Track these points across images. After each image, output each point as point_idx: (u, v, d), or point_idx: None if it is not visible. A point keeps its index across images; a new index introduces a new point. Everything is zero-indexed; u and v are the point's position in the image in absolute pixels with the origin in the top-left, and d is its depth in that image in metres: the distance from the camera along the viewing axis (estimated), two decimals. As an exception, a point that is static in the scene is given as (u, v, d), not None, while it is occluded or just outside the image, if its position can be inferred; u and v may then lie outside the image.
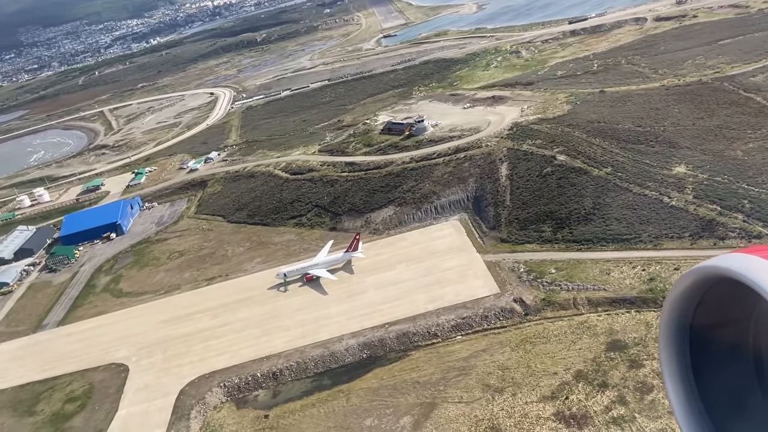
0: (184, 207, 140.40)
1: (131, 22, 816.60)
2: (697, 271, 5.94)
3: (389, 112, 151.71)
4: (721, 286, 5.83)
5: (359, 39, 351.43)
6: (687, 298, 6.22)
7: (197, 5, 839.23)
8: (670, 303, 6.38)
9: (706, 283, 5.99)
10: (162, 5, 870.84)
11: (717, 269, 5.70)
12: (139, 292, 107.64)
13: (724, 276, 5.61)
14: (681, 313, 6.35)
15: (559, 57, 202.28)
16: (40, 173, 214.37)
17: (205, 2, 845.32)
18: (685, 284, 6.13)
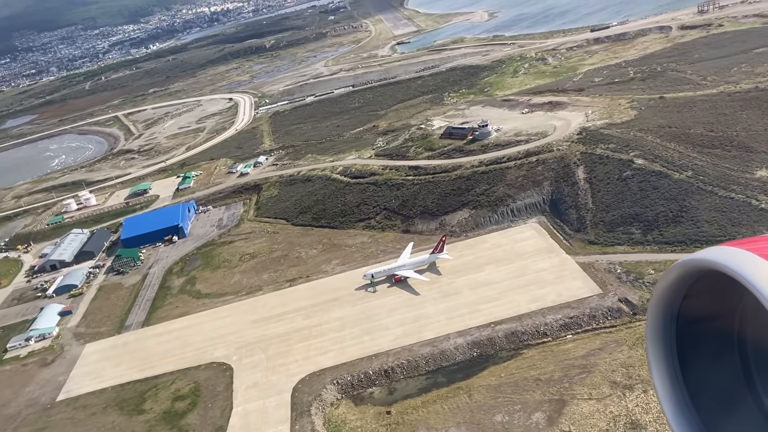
0: (242, 210, 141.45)
1: (127, 28, 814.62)
2: (684, 264, 6.05)
3: (443, 118, 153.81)
4: (708, 279, 5.93)
5: (372, 46, 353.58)
6: (674, 291, 6.34)
7: (194, 11, 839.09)
8: (657, 295, 6.50)
9: (693, 276, 6.10)
10: (158, 11, 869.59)
11: (703, 262, 5.79)
12: (219, 293, 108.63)
13: (711, 269, 5.71)
14: (668, 305, 6.46)
15: (588, 64, 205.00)
16: (70, 177, 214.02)
17: (202, 8, 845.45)
18: (672, 277, 6.24)
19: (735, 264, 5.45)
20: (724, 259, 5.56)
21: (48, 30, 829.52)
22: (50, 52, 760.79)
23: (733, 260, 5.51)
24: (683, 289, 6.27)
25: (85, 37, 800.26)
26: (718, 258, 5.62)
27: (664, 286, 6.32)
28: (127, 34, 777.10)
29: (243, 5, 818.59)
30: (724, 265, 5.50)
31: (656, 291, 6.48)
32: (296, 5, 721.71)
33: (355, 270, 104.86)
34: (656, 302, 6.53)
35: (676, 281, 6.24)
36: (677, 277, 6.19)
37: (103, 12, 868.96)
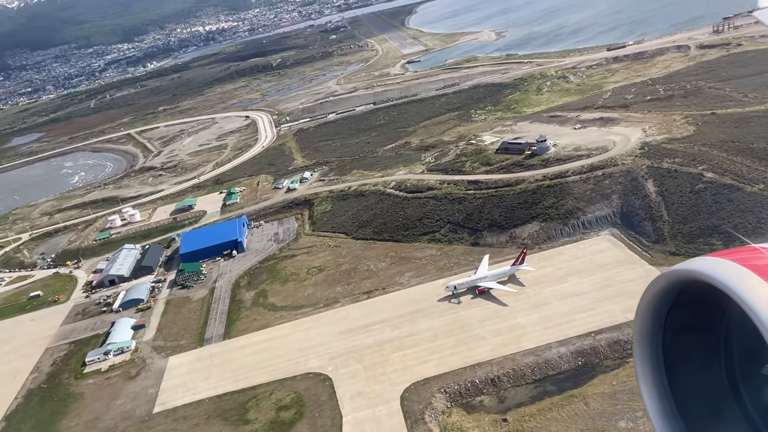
0: (296, 225, 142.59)
1: (122, 47, 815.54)
2: (670, 275, 6.06)
3: (492, 133, 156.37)
4: (693, 289, 5.96)
5: (382, 64, 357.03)
6: (660, 302, 6.37)
7: (188, 30, 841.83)
8: (644, 306, 6.53)
9: (678, 286, 6.12)
10: (152, 30, 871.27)
11: (689, 272, 5.81)
12: (296, 306, 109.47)
13: (696, 279, 5.72)
14: (654, 315, 6.49)
15: (612, 82, 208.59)
16: (99, 194, 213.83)
17: (196, 27, 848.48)
18: (658, 287, 6.27)
19: (719, 274, 5.51)
20: (708, 270, 5.64)
21: (41, 48, 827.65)
22: (44, 71, 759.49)
23: (718, 270, 5.57)
24: (669, 301, 6.37)
25: (79, 56, 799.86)
26: (703, 268, 5.71)
27: (650, 297, 6.44)
28: (122, 53, 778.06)
29: (238, 24, 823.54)
30: (709, 275, 5.58)
31: (642, 302, 6.59)
32: (291, 25, 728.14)
33: (432, 282, 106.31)
34: (642, 314, 6.62)
35: (661, 293, 6.32)
36: (662, 288, 6.28)
37: (96, 31, 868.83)
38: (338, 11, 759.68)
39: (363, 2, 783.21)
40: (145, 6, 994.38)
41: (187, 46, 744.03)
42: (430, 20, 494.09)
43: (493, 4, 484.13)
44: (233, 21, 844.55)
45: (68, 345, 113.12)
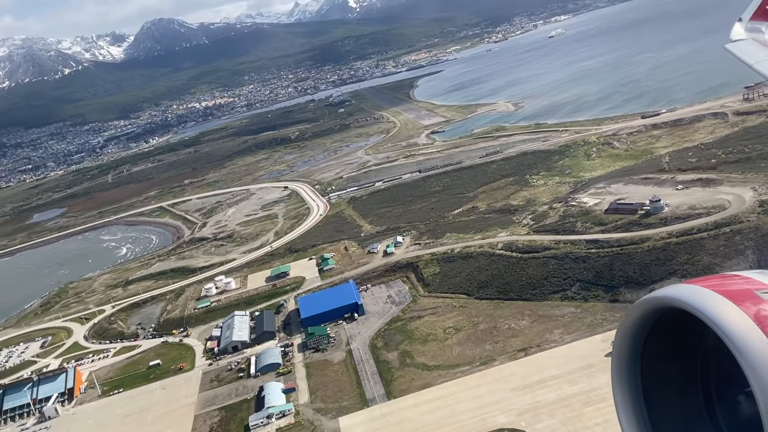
0: (407, 288, 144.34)
1: (118, 123, 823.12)
2: (646, 302, 6.21)
3: (588, 195, 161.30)
4: (670, 316, 6.09)
5: (405, 135, 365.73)
6: (637, 329, 6.48)
7: (185, 107, 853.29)
8: (622, 333, 6.65)
9: (655, 314, 6.24)
10: (147, 107, 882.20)
11: (664, 299, 5.94)
12: (450, 364, 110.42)
13: (672, 306, 5.85)
14: (632, 343, 6.57)
15: (662, 147, 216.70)
16: (164, 265, 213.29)
17: (192, 103, 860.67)
18: (636, 315, 6.40)
19: (695, 301, 5.67)
20: (684, 297, 5.81)
21: (36, 126, 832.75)
22: (41, 148, 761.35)
23: (693, 297, 5.72)
24: (646, 328, 6.49)
25: (75, 133, 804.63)
26: (678, 295, 5.87)
27: (628, 325, 6.60)
28: (119, 129, 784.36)
29: (234, 100, 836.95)
30: (685, 302, 5.73)
31: (619, 330, 6.75)
32: (288, 100, 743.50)
33: (587, 339, 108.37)
34: (620, 341, 6.75)
35: (638, 320, 6.47)
36: (640, 315, 6.43)
37: (91, 109, 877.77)
38: (333, 86, 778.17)
39: (357, 78, 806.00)
40: (137, 84, 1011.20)
41: (185, 122, 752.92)
42: (436, 93, 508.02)
43: (498, 78, 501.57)
44: (228, 97, 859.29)
45: (218, 411, 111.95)
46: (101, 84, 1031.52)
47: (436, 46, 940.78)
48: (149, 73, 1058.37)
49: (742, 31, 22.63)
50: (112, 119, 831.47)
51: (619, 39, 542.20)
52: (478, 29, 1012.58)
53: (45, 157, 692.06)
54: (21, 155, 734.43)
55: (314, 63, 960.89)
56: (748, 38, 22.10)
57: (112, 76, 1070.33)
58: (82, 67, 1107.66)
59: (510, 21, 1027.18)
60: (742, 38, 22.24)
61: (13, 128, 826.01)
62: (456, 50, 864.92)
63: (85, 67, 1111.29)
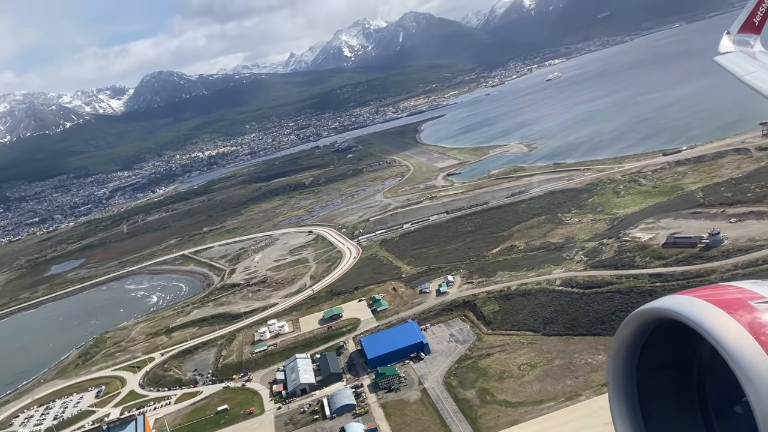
0: (468, 326, 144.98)
1: (122, 174, 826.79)
2: (640, 314, 6.37)
3: (640, 230, 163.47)
4: (665, 328, 6.23)
5: (421, 178, 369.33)
6: (632, 342, 6.58)
7: (188, 156, 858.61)
8: (617, 345, 6.72)
9: (650, 325, 6.39)
10: (150, 158, 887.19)
11: (658, 311, 6.11)
12: (533, 401, 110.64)
13: (666, 317, 6.01)
14: (627, 355, 6.65)
15: (690, 183, 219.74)
16: (203, 312, 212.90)
17: (195, 153, 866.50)
18: (631, 327, 6.52)
19: (688, 311, 5.72)
20: (677, 307, 5.87)
21: (39, 180, 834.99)
22: (46, 201, 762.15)
23: (686, 308, 5.79)
24: (642, 339, 6.56)
25: (79, 185, 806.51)
26: (672, 306, 5.94)
27: (623, 337, 6.64)
28: (124, 180, 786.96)
29: (237, 149, 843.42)
30: (678, 313, 5.79)
31: (615, 342, 6.79)
32: (291, 147, 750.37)
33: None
34: (616, 353, 6.79)
35: (634, 332, 6.54)
36: (635, 327, 6.49)
37: (94, 161, 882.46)
38: (335, 133, 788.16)
39: (359, 124, 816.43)
40: (138, 135, 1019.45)
41: (190, 171, 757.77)
42: (444, 137, 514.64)
43: (504, 120, 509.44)
44: (231, 146, 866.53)
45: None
46: (103, 136, 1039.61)
47: (433, 91, 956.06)
48: (150, 125, 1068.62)
49: (729, 43, 23.42)
50: (116, 170, 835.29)
51: (619, 80, 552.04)
52: (474, 74, 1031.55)
53: (51, 210, 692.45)
54: (26, 208, 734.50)
55: (314, 111, 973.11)
56: (736, 51, 22.80)
57: (114, 128, 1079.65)
58: (83, 121, 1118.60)
59: (505, 66, 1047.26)
60: (731, 51, 22.99)
61: (17, 182, 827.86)
62: (454, 95, 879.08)
63: (86, 120, 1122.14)
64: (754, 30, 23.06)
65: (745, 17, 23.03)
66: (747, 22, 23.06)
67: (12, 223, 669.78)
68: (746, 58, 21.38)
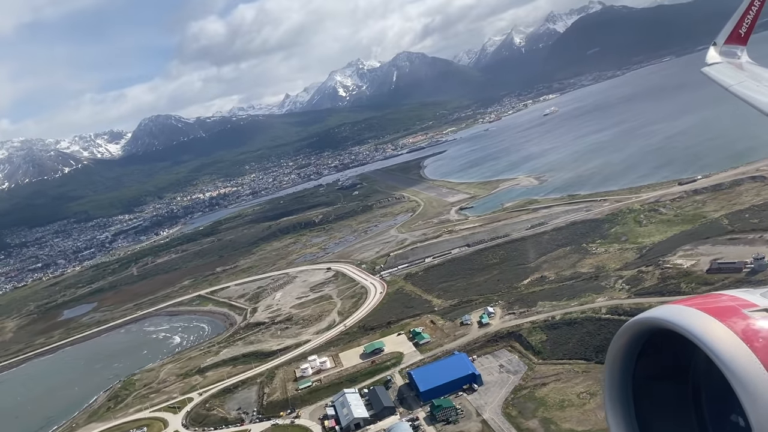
0: (517, 356, 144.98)
1: (123, 218, 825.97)
2: (634, 324, 6.39)
3: (678, 257, 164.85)
4: (659, 337, 6.26)
5: (433, 213, 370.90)
6: (628, 350, 6.66)
7: (188, 198, 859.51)
8: (612, 355, 6.82)
9: (644, 335, 6.44)
10: (150, 201, 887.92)
11: (652, 320, 6.13)
12: (601, 429, 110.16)
13: (660, 326, 6.03)
14: (623, 365, 6.74)
15: (712, 210, 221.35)
16: (233, 351, 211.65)
17: (196, 195, 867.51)
18: (625, 336, 6.59)
19: (680, 320, 5.84)
20: (671, 317, 5.96)
21: (39, 225, 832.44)
22: (47, 246, 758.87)
23: (680, 317, 5.89)
24: (636, 349, 6.61)
25: (80, 230, 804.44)
26: (666, 316, 6.03)
27: (618, 346, 6.69)
28: (125, 224, 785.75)
29: (238, 189, 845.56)
30: (672, 322, 5.90)
31: (610, 352, 6.85)
32: (293, 186, 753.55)
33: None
34: (611, 363, 6.84)
35: (629, 341, 6.59)
36: (630, 336, 6.54)
37: (94, 205, 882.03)
38: (336, 171, 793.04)
39: (359, 161, 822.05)
40: (137, 179, 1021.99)
41: (192, 212, 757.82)
42: (450, 172, 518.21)
43: (508, 154, 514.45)
44: (232, 186, 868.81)
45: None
46: (101, 181, 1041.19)
47: (431, 128, 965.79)
48: (149, 168, 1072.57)
49: (716, 55, 23.77)
50: (117, 214, 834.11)
51: (619, 113, 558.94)
52: (470, 111, 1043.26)
53: (53, 255, 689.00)
54: (27, 254, 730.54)
55: (313, 150, 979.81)
56: (723, 61, 23.08)
57: (112, 172, 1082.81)
58: (81, 165, 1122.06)
59: (500, 102, 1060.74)
60: (718, 62, 23.27)
61: (17, 228, 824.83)
62: (452, 131, 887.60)
63: (84, 165, 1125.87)
64: (740, 41, 23.48)
65: (731, 29, 23.40)
66: (733, 34, 23.41)
67: (14, 269, 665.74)
68: (733, 68, 21.70)
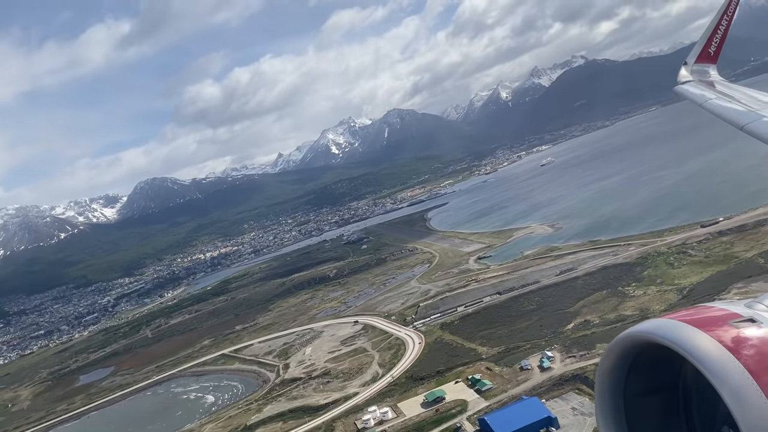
0: (587, 398, 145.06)
1: (123, 281, 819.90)
2: (623, 339, 6.45)
3: (732, 296, 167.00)
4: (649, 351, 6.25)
5: (451, 263, 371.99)
6: (617, 366, 6.70)
7: (189, 259, 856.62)
8: (602, 372, 6.87)
9: (634, 350, 6.45)
10: (150, 263, 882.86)
11: (639, 334, 6.18)
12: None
13: (648, 341, 6.07)
14: (613, 381, 6.78)
15: (743, 251, 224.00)
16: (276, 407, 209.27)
17: (197, 255, 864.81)
18: (615, 352, 6.62)
19: (670, 334, 5.89)
20: (658, 330, 6.05)
21: (38, 292, 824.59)
22: (47, 313, 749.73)
23: (667, 330, 5.96)
24: (626, 365, 6.73)
25: (80, 295, 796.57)
26: (653, 329, 6.11)
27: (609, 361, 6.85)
28: (126, 287, 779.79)
29: (239, 248, 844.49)
30: (660, 336, 5.97)
31: (600, 369, 7.00)
32: (295, 243, 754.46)
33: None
34: (602, 380, 6.96)
35: (618, 357, 6.72)
36: (619, 353, 6.67)
37: (93, 270, 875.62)
38: (337, 226, 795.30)
39: (359, 216, 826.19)
40: (135, 242, 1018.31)
41: (194, 273, 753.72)
42: (458, 223, 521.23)
43: (515, 204, 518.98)
44: (232, 246, 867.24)
45: None
46: (98, 245, 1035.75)
47: (427, 181, 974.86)
48: (146, 231, 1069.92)
49: (687, 74, 24.37)
50: (116, 278, 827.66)
51: (619, 161, 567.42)
52: (465, 164, 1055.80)
53: (55, 321, 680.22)
54: (27, 321, 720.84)
55: (311, 206, 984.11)
56: (695, 80, 23.76)
57: (109, 236, 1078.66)
58: (77, 231, 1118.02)
59: (493, 154, 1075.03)
60: (689, 80, 23.94)
61: (15, 296, 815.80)
62: (449, 184, 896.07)
63: (80, 230, 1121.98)
64: (710, 60, 24.04)
65: (700, 48, 23.86)
66: (703, 53, 23.92)
67: (16, 337, 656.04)
68: (704, 86, 22.29)
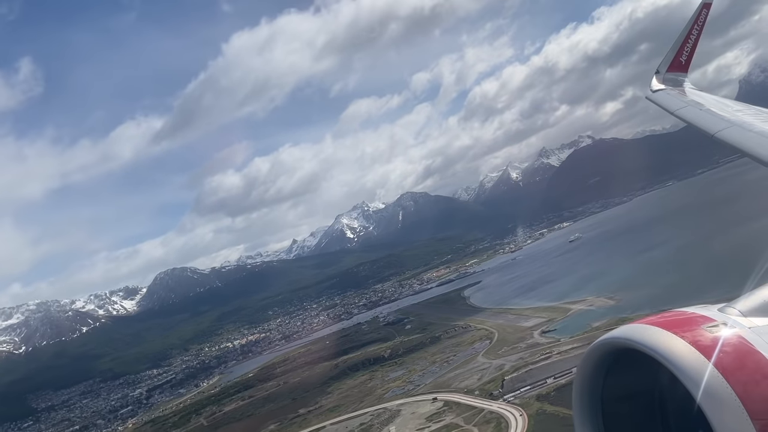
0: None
1: (152, 372, 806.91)
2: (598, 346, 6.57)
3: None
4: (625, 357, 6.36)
5: (514, 338, 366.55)
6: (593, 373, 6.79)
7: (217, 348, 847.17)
8: (579, 379, 6.96)
9: (609, 356, 6.57)
10: (176, 353, 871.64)
11: (615, 340, 6.30)
12: None
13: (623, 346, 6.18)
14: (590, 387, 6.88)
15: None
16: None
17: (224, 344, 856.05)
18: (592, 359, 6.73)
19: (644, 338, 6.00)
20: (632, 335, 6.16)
21: (64, 387, 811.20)
22: (76, 408, 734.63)
23: (641, 335, 6.07)
24: (603, 370, 6.83)
25: (109, 388, 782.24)
26: (627, 335, 6.24)
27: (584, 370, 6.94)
28: (156, 379, 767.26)
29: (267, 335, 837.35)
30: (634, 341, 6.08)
31: (577, 376, 7.09)
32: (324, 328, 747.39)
33: None
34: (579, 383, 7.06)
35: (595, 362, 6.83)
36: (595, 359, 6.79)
37: (119, 362, 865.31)
38: (366, 309, 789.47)
39: (387, 298, 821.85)
40: (158, 333, 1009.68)
41: (225, 362, 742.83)
42: (502, 299, 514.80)
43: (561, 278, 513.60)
44: (259, 333, 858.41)
45: None
46: (121, 338, 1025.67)
47: (451, 261, 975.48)
48: (168, 321, 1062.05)
49: (659, 83, 24.73)
50: (144, 369, 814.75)
51: (658, 233, 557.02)
52: (487, 243, 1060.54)
53: (87, 416, 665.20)
54: (57, 418, 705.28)
55: (335, 291, 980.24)
56: (667, 89, 24.12)
57: (130, 328, 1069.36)
58: (99, 324, 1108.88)
59: (513, 232, 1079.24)
60: (662, 88, 24.29)
61: (41, 392, 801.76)
62: (475, 263, 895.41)
63: (102, 323, 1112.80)
64: (682, 68, 24.29)
65: (672, 57, 23.91)
66: (674, 62, 24.15)
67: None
68: (677, 94, 22.60)
